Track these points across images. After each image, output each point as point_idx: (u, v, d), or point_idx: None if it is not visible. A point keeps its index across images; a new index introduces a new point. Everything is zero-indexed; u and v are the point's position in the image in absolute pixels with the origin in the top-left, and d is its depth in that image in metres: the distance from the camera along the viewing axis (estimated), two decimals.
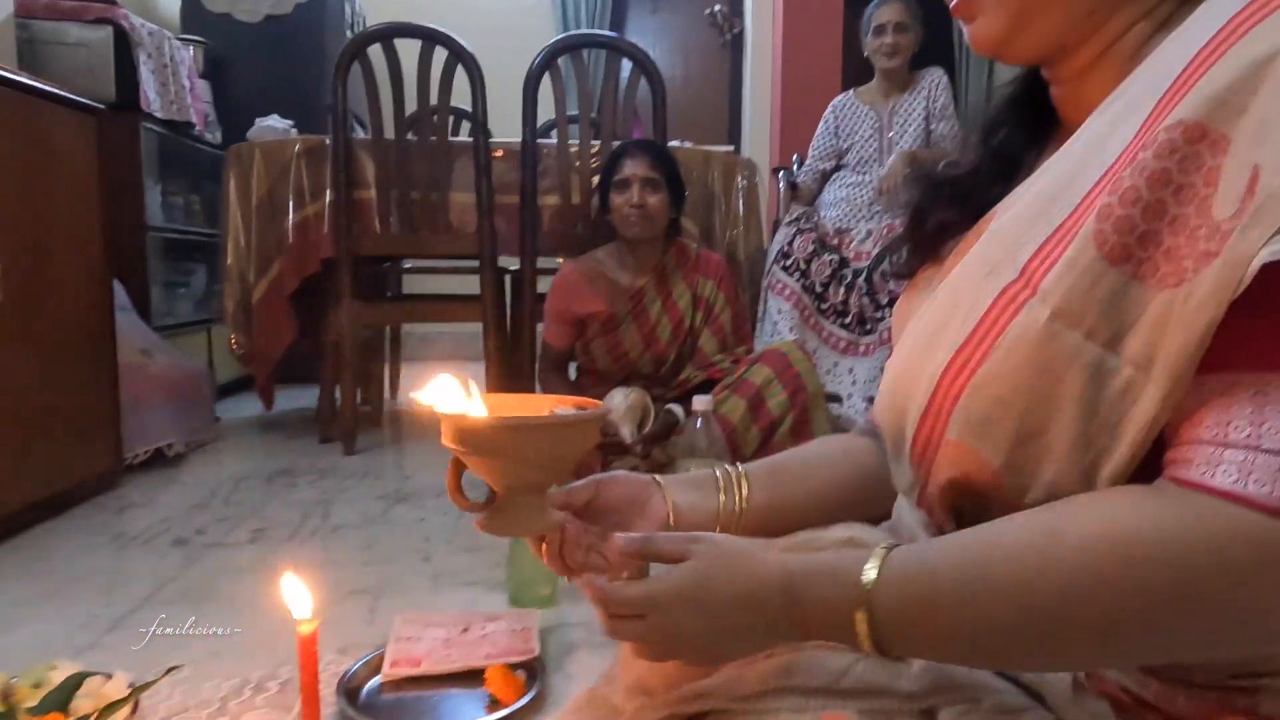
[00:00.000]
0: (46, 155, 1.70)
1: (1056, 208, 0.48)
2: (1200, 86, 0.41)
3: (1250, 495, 0.38)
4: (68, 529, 1.64)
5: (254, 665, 1.07)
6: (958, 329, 0.51)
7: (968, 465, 0.49)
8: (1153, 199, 0.42)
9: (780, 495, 0.71)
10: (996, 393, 0.47)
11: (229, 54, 3.28)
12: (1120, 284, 0.43)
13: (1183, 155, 0.41)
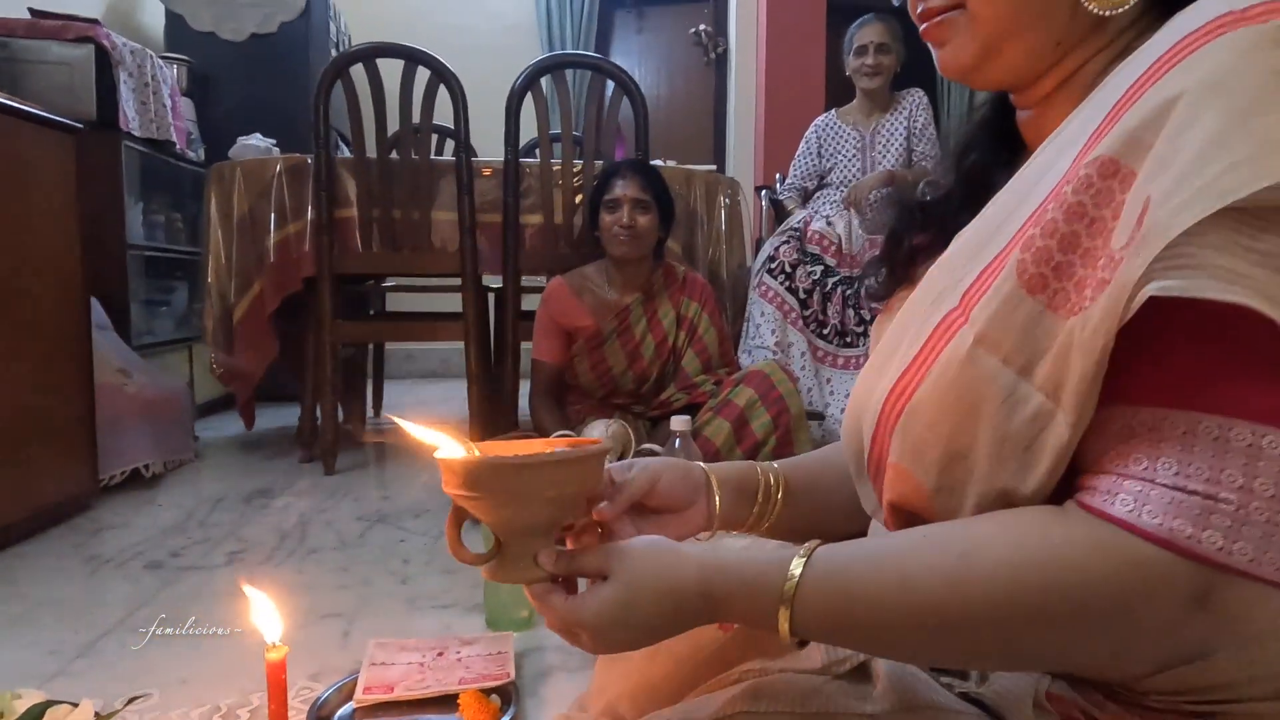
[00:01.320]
0: (23, 174, 1.69)
1: (998, 237, 0.49)
2: (1120, 123, 0.43)
3: (1143, 525, 0.39)
4: (40, 552, 1.62)
5: (224, 692, 1.05)
6: (903, 354, 0.52)
7: (906, 487, 0.51)
8: (1069, 231, 0.44)
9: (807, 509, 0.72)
10: (927, 417, 0.48)
11: (213, 72, 3.28)
12: (1036, 313, 0.45)
13: (1097, 190, 0.43)
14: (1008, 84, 0.60)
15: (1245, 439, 0.39)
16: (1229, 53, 0.41)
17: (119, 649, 1.19)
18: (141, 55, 2.61)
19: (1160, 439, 0.41)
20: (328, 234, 2.18)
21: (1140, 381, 0.42)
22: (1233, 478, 0.38)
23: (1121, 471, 0.41)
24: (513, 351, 2.32)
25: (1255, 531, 0.38)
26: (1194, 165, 0.39)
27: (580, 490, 0.56)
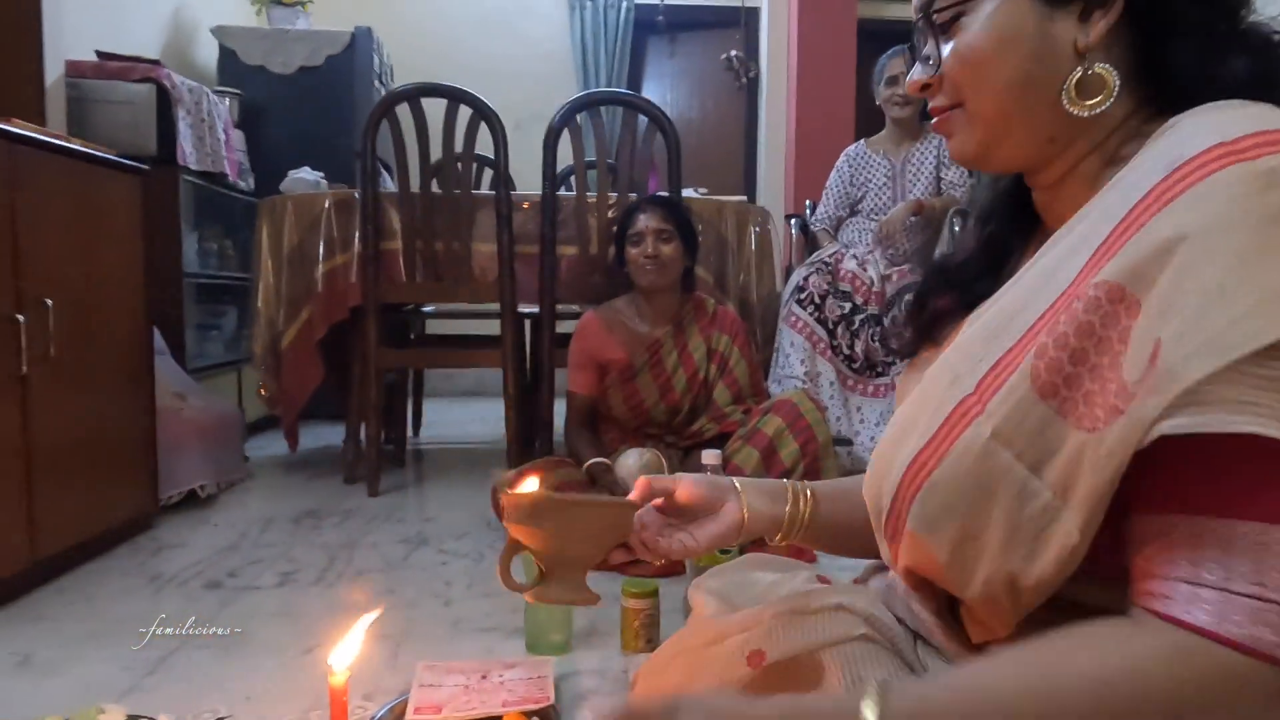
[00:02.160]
0: (96, 214, 1.81)
1: (1010, 330, 0.54)
2: (1124, 251, 0.47)
3: (1227, 634, 0.43)
4: (107, 570, 1.72)
5: (286, 710, 1.13)
6: (923, 430, 0.57)
7: (920, 555, 0.56)
8: (1079, 346, 0.48)
9: (839, 514, 0.79)
10: (944, 496, 0.53)
11: (263, 104, 3.42)
12: (1047, 417, 0.49)
13: (1105, 312, 0.47)
14: (1014, 170, 0.66)
15: None
16: (1225, 197, 0.45)
17: (186, 665, 1.27)
18: (198, 93, 2.75)
19: (1201, 544, 0.44)
20: (374, 265, 2.28)
21: (1167, 492, 0.46)
22: None
23: (1183, 577, 0.45)
24: (548, 378, 2.40)
25: None
26: (1200, 314, 0.43)
27: (617, 531, 0.70)
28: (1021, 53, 0.59)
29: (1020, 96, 0.60)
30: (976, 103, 0.62)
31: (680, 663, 0.81)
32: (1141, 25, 0.57)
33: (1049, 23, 0.58)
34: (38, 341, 1.56)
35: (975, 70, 0.61)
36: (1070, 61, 0.58)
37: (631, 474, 1.78)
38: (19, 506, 1.53)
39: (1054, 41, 0.58)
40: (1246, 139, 0.47)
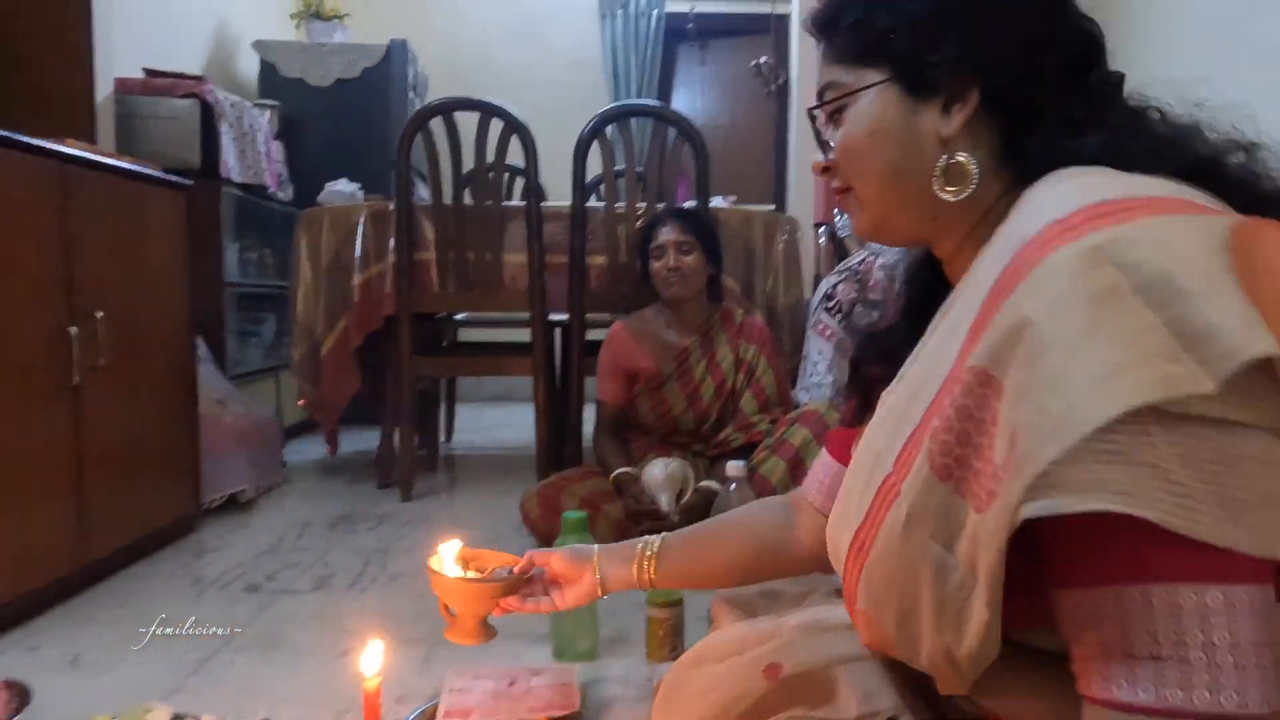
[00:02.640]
0: (142, 228, 1.87)
1: (913, 409, 0.57)
2: (986, 335, 0.50)
3: (1141, 704, 0.46)
4: (152, 572, 1.79)
5: (321, 712, 1.17)
6: (856, 510, 0.61)
7: (874, 632, 0.60)
8: (961, 428, 0.51)
9: (684, 568, 0.95)
10: (881, 577, 0.57)
11: (301, 116, 3.51)
12: (948, 497, 0.52)
13: (977, 395, 0.50)
14: (910, 244, 0.72)
15: (1188, 599, 0.45)
16: (1057, 279, 0.47)
17: (227, 667, 1.32)
18: (240, 107, 2.83)
19: (1093, 617, 0.48)
20: (407, 276, 2.33)
21: (1060, 568, 0.50)
22: (1191, 637, 0.45)
23: (1087, 654, 0.48)
24: (577, 386, 2.43)
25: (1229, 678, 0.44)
26: (1042, 400, 0.46)
27: (488, 601, 0.93)
28: (892, 144, 0.65)
29: (895, 184, 0.66)
30: (860, 188, 0.68)
31: (701, 673, 0.83)
32: (1000, 114, 0.62)
33: (915, 116, 0.64)
34: (88, 352, 1.63)
35: (854, 160, 0.67)
36: (936, 151, 0.63)
37: (658, 483, 1.80)
38: (70, 510, 1.60)
39: (920, 133, 0.64)
40: (1078, 214, 0.49)
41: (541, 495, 1.92)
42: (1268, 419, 0.45)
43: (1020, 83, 0.61)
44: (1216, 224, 0.48)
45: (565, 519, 1.37)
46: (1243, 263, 0.46)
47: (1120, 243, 0.47)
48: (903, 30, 0.63)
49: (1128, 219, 0.48)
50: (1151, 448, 0.45)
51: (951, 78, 0.62)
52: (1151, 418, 0.44)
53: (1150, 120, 0.61)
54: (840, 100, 0.67)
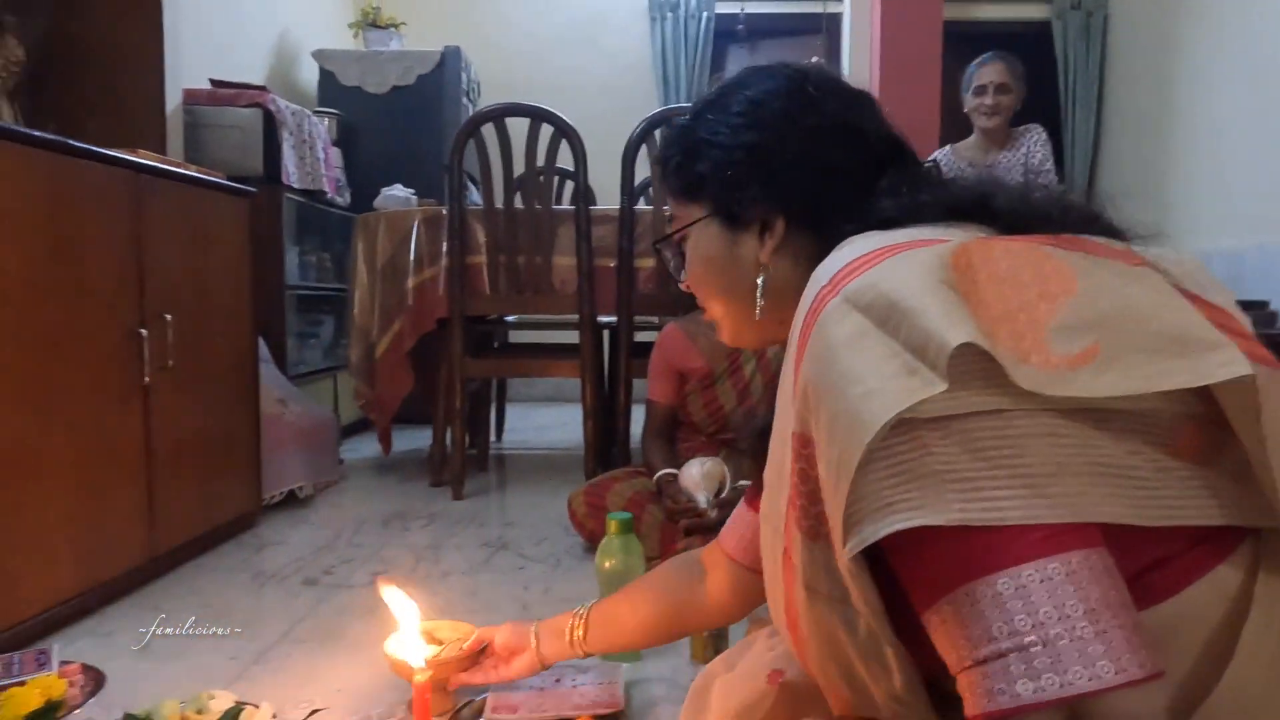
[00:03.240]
0: (208, 233, 1.95)
1: (782, 480, 0.60)
2: (796, 399, 0.54)
3: (996, 708, 0.45)
4: (215, 565, 1.86)
5: (374, 703, 1.21)
6: (777, 590, 0.64)
7: (835, 695, 0.62)
8: (807, 489, 0.54)
9: (607, 635, 1.08)
10: (815, 649, 0.60)
11: (358, 122, 3.60)
12: (824, 554, 0.55)
13: (806, 456, 0.54)
14: (771, 345, 0.79)
15: (1006, 586, 0.46)
16: (822, 337, 0.52)
17: (285, 658, 1.37)
18: (300, 115, 2.92)
19: (945, 626, 0.49)
20: (459, 279, 2.38)
21: (915, 599, 0.51)
22: (1020, 622, 0.45)
23: (962, 669, 0.48)
24: (625, 386, 2.45)
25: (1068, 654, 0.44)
26: (829, 449, 0.50)
27: (447, 675, 1.15)
28: (721, 270, 0.75)
29: (732, 303, 0.75)
30: (710, 308, 0.79)
31: (720, 682, 0.86)
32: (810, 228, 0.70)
33: (735, 245, 0.73)
34: (158, 353, 1.70)
35: (697, 286, 0.78)
36: (755, 271, 0.72)
37: (695, 484, 1.81)
38: (142, 503, 1.68)
39: (741, 259, 0.73)
40: (839, 273, 0.55)
41: (588, 495, 1.94)
42: (1036, 400, 0.47)
43: (820, 206, 0.69)
44: (939, 249, 0.53)
45: (610, 520, 1.39)
46: (965, 275, 0.51)
47: (860, 289, 0.52)
48: (713, 175, 0.73)
49: (869, 265, 0.54)
50: (931, 456, 0.47)
51: (759, 210, 0.71)
52: (923, 429, 0.48)
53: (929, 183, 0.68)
54: (678, 232, 0.78)
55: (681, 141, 0.77)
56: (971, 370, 0.47)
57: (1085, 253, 0.54)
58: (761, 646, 0.86)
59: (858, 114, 0.72)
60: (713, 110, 0.75)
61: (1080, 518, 0.46)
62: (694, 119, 0.76)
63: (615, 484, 1.95)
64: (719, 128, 0.73)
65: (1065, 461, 0.47)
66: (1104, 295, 0.50)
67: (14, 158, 1.36)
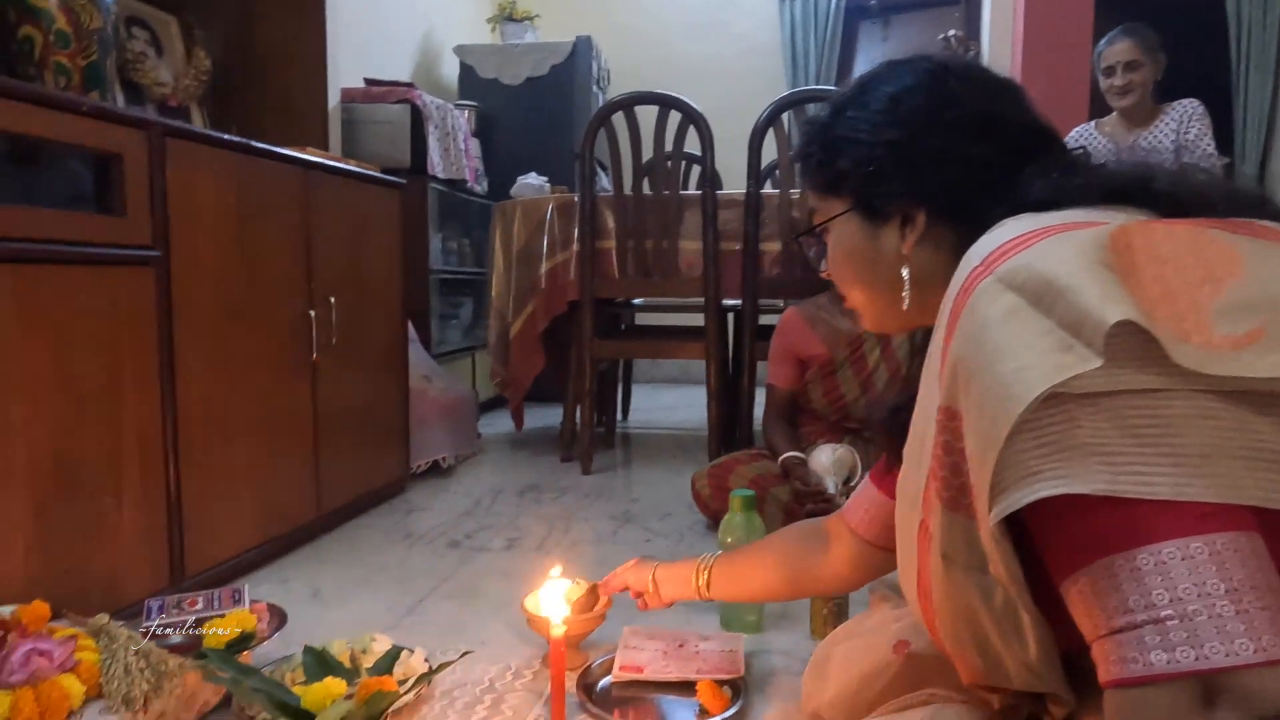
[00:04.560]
0: (364, 223, 2.13)
1: (924, 454, 0.61)
2: (944, 376, 0.57)
3: (1131, 675, 0.46)
4: (370, 526, 2.04)
5: (515, 654, 1.32)
6: (911, 560, 0.66)
7: (967, 666, 0.64)
8: (950, 462, 0.56)
9: (731, 586, 1.15)
10: (948, 618, 0.62)
11: (495, 113, 3.77)
12: (964, 525, 0.57)
13: (951, 430, 0.56)
14: (915, 329, 0.80)
15: (1145, 561, 0.47)
16: (974, 315, 0.53)
17: (435, 611, 1.51)
18: (444, 109, 3.10)
19: (1082, 597, 0.50)
20: (590, 263, 2.48)
21: (1053, 567, 0.52)
22: (1158, 597, 0.46)
23: (1097, 637, 0.49)
24: (749, 369, 2.48)
25: (1205, 630, 0.44)
26: (979, 422, 0.52)
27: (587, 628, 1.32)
28: (862, 263, 0.77)
29: (874, 294, 0.77)
30: (851, 297, 0.81)
31: (843, 648, 0.89)
32: (952, 219, 0.70)
33: (876, 238, 0.75)
34: (324, 332, 1.88)
35: (838, 277, 0.81)
36: (898, 265, 0.73)
37: (825, 469, 1.82)
38: (310, 468, 1.87)
39: (883, 251, 0.75)
40: (993, 254, 0.56)
41: (711, 475, 2.00)
42: (1192, 380, 0.48)
43: (962, 197, 0.69)
44: (1096, 231, 0.54)
45: (734, 497, 1.44)
46: (1124, 256, 0.51)
47: (1014, 269, 0.53)
48: (853, 172, 0.74)
49: (1025, 247, 0.55)
50: (1080, 429, 0.49)
51: (900, 204, 0.72)
52: (1074, 404, 0.49)
53: (1082, 168, 0.68)
54: (819, 226, 0.80)
55: (821, 138, 0.78)
56: (1128, 348, 0.48)
57: (1253, 236, 0.53)
58: (887, 617, 0.89)
59: (1001, 104, 0.72)
60: (852, 107, 0.76)
61: (1230, 499, 0.46)
62: (833, 116, 0.77)
63: (738, 465, 2.00)
64: (859, 124, 0.74)
65: (1220, 444, 0.47)
66: (1272, 279, 0.50)
67: (207, 159, 1.55)
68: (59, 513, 1.25)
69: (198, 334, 1.52)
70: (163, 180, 1.43)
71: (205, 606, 1.24)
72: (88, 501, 1.30)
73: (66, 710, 0.96)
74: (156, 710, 1.02)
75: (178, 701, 1.06)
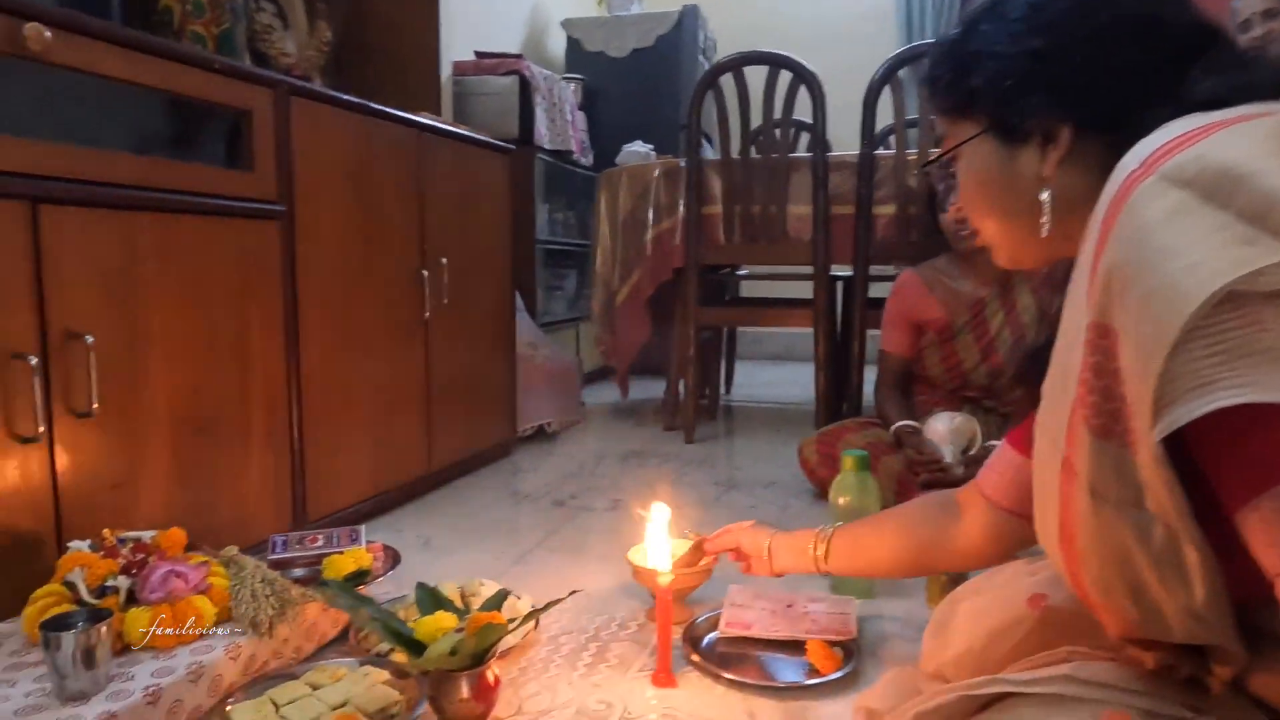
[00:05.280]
0: (474, 188, 2.16)
1: (1068, 384, 0.56)
2: (1094, 290, 0.52)
3: None
4: (479, 484, 2.08)
5: (620, 607, 1.31)
6: (1052, 503, 0.60)
7: (1118, 618, 0.58)
8: (1101, 385, 0.51)
9: (851, 559, 1.08)
10: (1097, 563, 0.56)
11: (601, 85, 3.77)
12: (1116, 455, 0.51)
13: (1103, 348, 0.51)
14: (1049, 264, 0.75)
15: None
16: (1133, 219, 0.49)
17: (540, 563, 1.52)
18: (551, 80, 3.12)
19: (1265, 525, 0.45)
20: (695, 229, 2.45)
21: (1228, 494, 0.47)
22: None
23: (1274, 573, 0.45)
24: (859, 339, 2.40)
25: None
26: (1139, 328, 0.47)
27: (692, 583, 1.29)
28: (997, 189, 0.71)
29: (1010, 223, 0.72)
30: (985, 229, 0.75)
31: (966, 606, 0.83)
32: (1099, 133, 0.64)
33: (1013, 161, 0.69)
34: (436, 292, 1.93)
35: (971, 207, 0.75)
36: (1038, 189, 0.68)
37: (941, 438, 1.74)
38: (422, 424, 1.92)
39: (1020, 175, 0.69)
40: (1154, 153, 0.51)
41: (820, 442, 1.94)
42: None
43: (1114, 108, 0.63)
44: (1275, 118, 0.49)
45: (846, 456, 1.38)
46: None
47: (1181, 164, 0.49)
48: (988, 89, 0.69)
49: (1192, 142, 0.50)
50: (1266, 332, 0.44)
51: (1041, 121, 0.67)
52: (1259, 304, 0.44)
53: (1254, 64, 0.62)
54: (947, 153, 0.75)
55: (952, 57, 0.73)
56: None
57: None
58: (1020, 570, 0.82)
59: (1159, 4, 0.65)
60: (987, 20, 0.70)
61: None
62: (965, 32, 0.72)
63: (847, 434, 1.93)
64: (995, 37, 0.69)
65: None
66: None
67: (329, 118, 1.60)
68: (194, 454, 1.32)
69: (319, 288, 1.57)
70: (288, 137, 1.48)
71: (325, 544, 1.28)
72: (219, 445, 1.37)
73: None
74: (281, 635, 1.07)
75: (299, 630, 1.10)
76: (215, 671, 0.98)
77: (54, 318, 1.10)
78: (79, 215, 1.14)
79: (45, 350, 1.09)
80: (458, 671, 0.94)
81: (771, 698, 1.05)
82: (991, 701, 0.70)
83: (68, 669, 0.87)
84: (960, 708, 0.71)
